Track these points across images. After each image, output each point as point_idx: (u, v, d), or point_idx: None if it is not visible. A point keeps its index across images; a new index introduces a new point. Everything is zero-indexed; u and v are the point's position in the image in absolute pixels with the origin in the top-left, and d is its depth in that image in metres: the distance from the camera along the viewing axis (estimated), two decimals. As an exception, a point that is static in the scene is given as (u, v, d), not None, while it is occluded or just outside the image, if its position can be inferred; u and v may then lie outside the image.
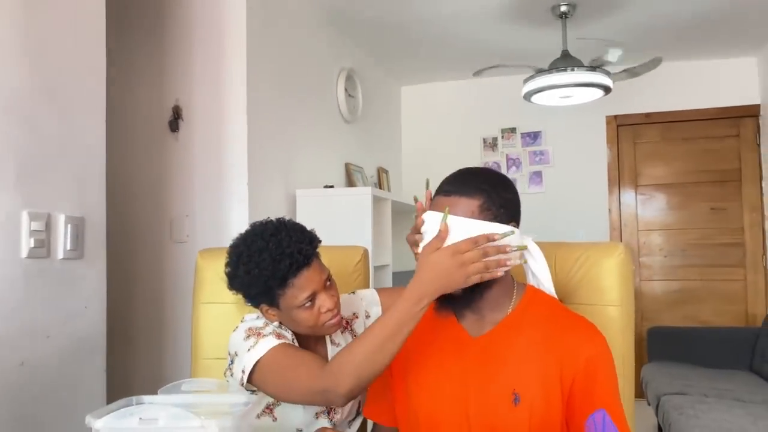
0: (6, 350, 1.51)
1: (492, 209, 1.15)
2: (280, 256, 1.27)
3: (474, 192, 1.15)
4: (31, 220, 1.57)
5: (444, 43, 4.10)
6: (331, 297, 1.34)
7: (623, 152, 4.68)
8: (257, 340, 1.31)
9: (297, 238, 1.30)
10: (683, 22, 3.76)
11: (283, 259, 1.27)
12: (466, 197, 1.14)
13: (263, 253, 1.28)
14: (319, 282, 1.32)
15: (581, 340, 1.17)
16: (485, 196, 1.15)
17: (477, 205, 1.14)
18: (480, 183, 1.17)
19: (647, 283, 4.61)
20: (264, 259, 1.27)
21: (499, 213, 1.15)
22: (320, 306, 1.32)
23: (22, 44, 1.57)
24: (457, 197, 1.15)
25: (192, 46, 2.70)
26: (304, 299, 1.30)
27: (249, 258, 1.29)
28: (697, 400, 2.98)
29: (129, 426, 0.98)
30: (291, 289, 1.29)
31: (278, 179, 2.95)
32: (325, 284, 1.34)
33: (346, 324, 1.51)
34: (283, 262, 1.27)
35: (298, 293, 1.30)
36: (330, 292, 1.35)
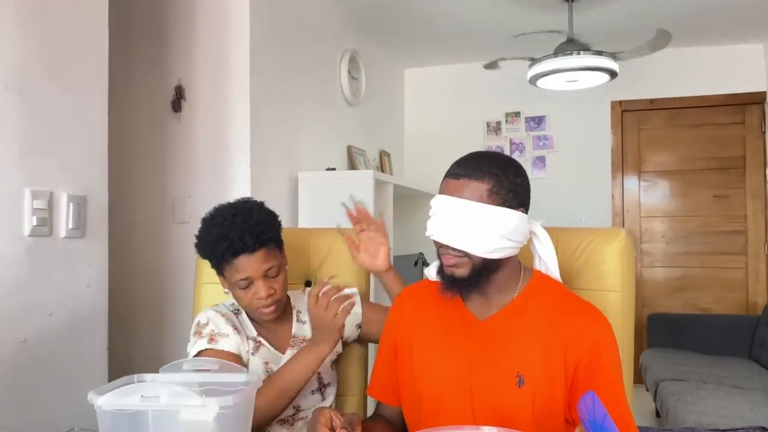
0: (8, 327, 1.52)
1: (501, 194, 1.15)
2: (224, 237, 1.35)
3: (483, 176, 1.14)
4: (33, 198, 1.57)
5: (448, 25, 4.07)
6: (268, 287, 1.39)
7: (627, 138, 4.66)
8: (195, 339, 1.43)
9: (247, 226, 1.35)
10: (690, 8, 3.72)
11: (222, 240, 1.35)
12: (475, 180, 1.14)
13: (214, 229, 1.37)
14: (257, 270, 1.37)
15: (586, 324, 1.17)
16: (495, 180, 1.15)
17: (486, 189, 1.14)
18: (490, 167, 1.16)
19: (648, 269, 4.62)
20: (212, 234, 1.37)
21: (508, 198, 1.15)
22: (255, 292, 1.38)
23: (26, 23, 1.57)
24: (466, 180, 1.15)
25: (195, 26, 2.68)
26: (239, 280, 1.38)
27: (205, 230, 1.40)
28: (696, 387, 2.99)
29: (131, 403, 0.98)
30: (229, 267, 1.38)
31: (281, 161, 2.94)
32: (264, 273, 1.38)
33: None
34: (221, 244, 1.35)
35: (234, 273, 1.38)
36: (269, 283, 1.39)
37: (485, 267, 1.16)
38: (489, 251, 1.14)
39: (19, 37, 1.55)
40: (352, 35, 3.92)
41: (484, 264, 1.16)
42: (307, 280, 1.71)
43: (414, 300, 1.35)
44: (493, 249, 1.14)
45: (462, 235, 1.14)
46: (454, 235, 1.15)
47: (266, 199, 2.73)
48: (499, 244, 1.14)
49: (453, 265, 1.18)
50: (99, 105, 1.81)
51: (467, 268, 1.17)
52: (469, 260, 1.16)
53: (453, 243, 1.15)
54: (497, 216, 1.13)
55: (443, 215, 1.15)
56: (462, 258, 1.16)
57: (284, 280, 1.43)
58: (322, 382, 1.49)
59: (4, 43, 1.51)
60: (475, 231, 1.13)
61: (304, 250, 1.70)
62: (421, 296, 1.33)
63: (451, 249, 1.16)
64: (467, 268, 1.17)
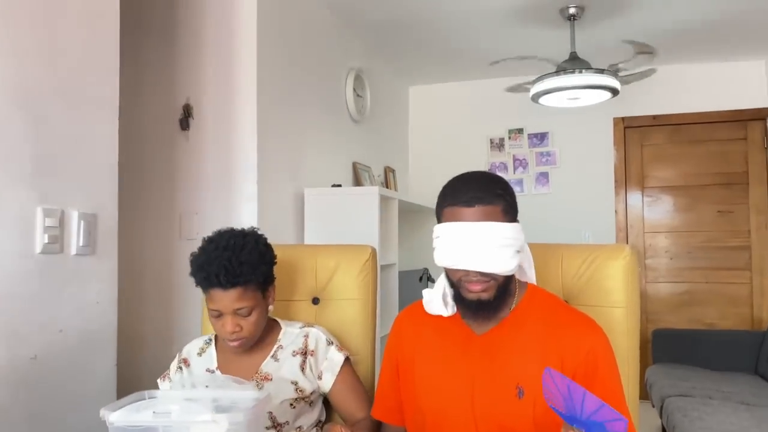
0: (19, 344, 1.53)
1: (510, 212, 1.20)
2: (204, 267, 1.38)
3: (494, 198, 1.18)
4: (45, 216, 1.59)
5: (452, 43, 4.12)
6: (234, 324, 1.40)
7: (630, 154, 4.69)
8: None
9: (229, 264, 1.36)
10: (691, 25, 3.76)
11: (202, 270, 1.38)
12: (491, 205, 1.17)
13: (202, 255, 1.40)
14: (227, 306, 1.39)
15: (581, 334, 1.21)
16: (504, 200, 1.19)
17: (500, 209, 1.18)
18: (496, 189, 1.20)
19: (653, 285, 4.62)
20: (199, 259, 1.41)
21: (514, 214, 1.21)
22: (222, 324, 1.41)
23: (39, 43, 1.60)
24: (482, 206, 1.17)
25: (203, 46, 2.72)
26: (211, 309, 1.41)
27: (198, 252, 1.43)
28: (702, 403, 2.98)
29: (143, 419, 1.00)
30: (205, 293, 1.42)
31: (287, 178, 2.97)
32: (234, 311, 1.39)
33: (303, 352, 1.49)
34: (200, 273, 1.39)
35: (209, 301, 1.41)
36: (237, 320, 1.40)
37: (505, 285, 1.21)
38: (512, 268, 1.18)
39: (31, 57, 1.58)
40: (358, 53, 3.97)
41: (506, 282, 1.21)
42: (314, 297, 1.73)
43: (413, 319, 1.37)
44: (514, 265, 1.18)
45: (491, 259, 1.16)
46: (484, 261, 1.15)
47: (273, 216, 2.78)
48: (517, 259, 1.19)
49: (481, 291, 1.19)
50: (109, 124, 1.84)
51: (494, 290, 1.20)
52: (495, 282, 1.19)
53: (483, 268, 1.16)
54: (514, 232, 1.18)
55: (464, 242, 1.16)
56: (489, 282, 1.19)
57: (257, 319, 1.43)
58: (276, 421, 1.42)
59: (17, 64, 1.55)
60: (500, 252, 1.16)
61: (311, 267, 1.72)
62: (419, 316, 1.36)
63: (479, 274, 1.17)
64: (494, 290, 1.20)
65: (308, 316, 1.70)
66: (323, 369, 1.50)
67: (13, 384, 1.51)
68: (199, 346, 1.56)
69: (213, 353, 1.52)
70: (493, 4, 3.47)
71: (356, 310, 1.69)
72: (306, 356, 1.49)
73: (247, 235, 1.44)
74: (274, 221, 2.82)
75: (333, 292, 1.71)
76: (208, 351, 1.54)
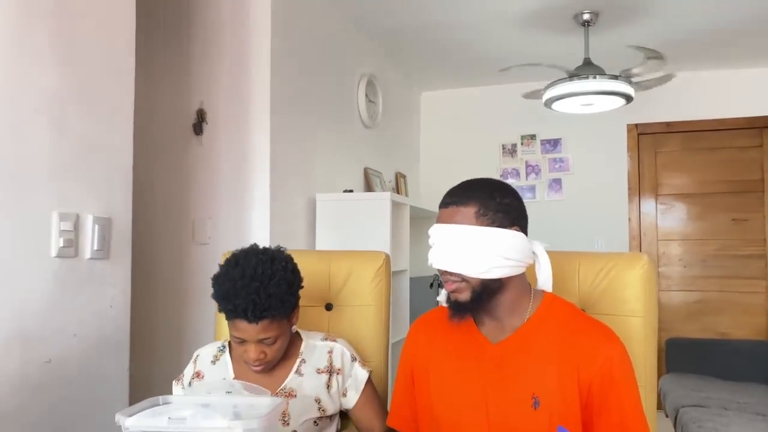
0: (34, 347, 1.54)
1: (488, 214, 1.19)
2: (230, 299, 1.31)
3: (468, 200, 1.20)
4: (60, 219, 1.60)
5: (465, 49, 4.11)
6: (259, 352, 1.36)
7: (644, 161, 4.65)
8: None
9: (257, 297, 1.29)
10: (706, 31, 3.73)
11: (227, 302, 1.32)
12: (462, 206, 1.19)
13: (227, 283, 1.32)
14: (252, 337, 1.34)
15: (597, 343, 1.19)
16: (480, 203, 1.19)
17: (473, 212, 1.18)
18: (474, 191, 1.21)
19: (666, 293, 4.57)
20: (223, 287, 1.33)
21: (497, 218, 1.19)
22: (245, 350, 1.37)
23: (57, 50, 1.61)
24: (455, 207, 1.20)
25: (217, 51, 2.73)
26: (234, 336, 1.37)
27: (220, 278, 1.35)
28: (717, 413, 2.95)
29: (158, 425, 0.99)
30: (229, 321, 1.36)
31: (299, 183, 2.97)
32: (258, 340, 1.35)
33: (329, 370, 1.47)
34: (226, 304, 1.32)
35: (232, 329, 1.36)
36: (262, 347, 1.36)
37: (485, 289, 1.19)
38: (483, 271, 1.17)
39: (49, 64, 1.59)
40: (370, 59, 3.97)
41: (483, 286, 1.19)
42: (327, 303, 1.72)
43: (428, 328, 1.37)
44: (487, 269, 1.17)
45: (457, 259, 1.18)
46: (451, 260, 1.19)
47: (285, 221, 2.78)
48: (494, 263, 1.17)
49: (454, 291, 1.21)
50: (124, 129, 1.84)
51: (468, 292, 1.20)
52: (467, 284, 1.19)
53: (450, 267, 1.19)
54: (488, 236, 1.17)
55: (439, 243, 1.20)
56: (460, 283, 1.20)
57: (281, 346, 1.39)
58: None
59: (36, 70, 1.56)
60: (468, 253, 1.17)
61: (324, 273, 1.71)
62: (434, 324, 1.35)
63: (450, 274, 1.20)
64: (468, 292, 1.20)
65: (322, 322, 1.70)
66: (348, 386, 1.48)
67: (27, 387, 1.52)
68: (213, 353, 1.51)
69: (228, 361, 1.49)
70: (506, 10, 3.46)
71: (370, 317, 1.68)
72: (332, 374, 1.46)
73: (274, 260, 1.35)
74: (286, 226, 2.82)
75: (346, 298, 1.70)
76: (223, 359, 1.50)
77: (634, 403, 1.17)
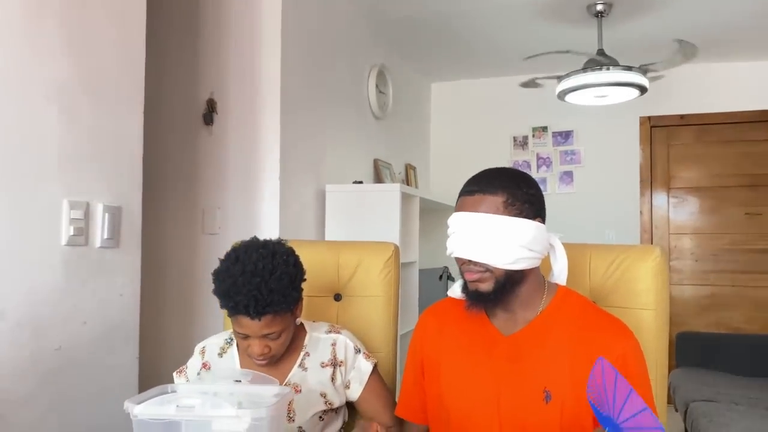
0: (44, 334, 1.55)
1: (516, 204, 1.17)
2: (232, 295, 1.28)
3: (497, 189, 1.17)
4: (71, 208, 1.60)
5: (476, 40, 4.08)
6: (263, 346, 1.34)
7: (656, 154, 4.61)
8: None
9: (258, 293, 1.26)
10: (720, 23, 3.68)
11: (229, 298, 1.29)
12: (490, 195, 1.17)
13: (227, 279, 1.29)
14: (255, 332, 1.32)
15: (612, 338, 1.17)
16: (508, 192, 1.17)
17: (501, 201, 1.16)
18: (503, 180, 1.19)
19: (677, 287, 4.54)
20: (224, 284, 1.30)
21: (524, 208, 1.17)
22: (249, 345, 1.35)
23: (68, 39, 1.61)
24: (481, 195, 1.18)
25: (227, 41, 2.72)
26: (237, 331, 1.34)
27: (221, 274, 1.32)
28: (728, 408, 2.92)
29: (166, 413, 0.99)
30: (232, 317, 1.34)
31: (309, 174, 2.97)
32: (261, 335, 1.33)
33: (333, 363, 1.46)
34: (227, 301, 1.29)
35: (235, 324, 1.34)
36: (266, 342, 1.34)
37: (508, 279, 1.17)
38: (510, 262, 1.15)
39: (61, 53, 1.59)
40: (380, 50, 3.95)
41: (507, 277, 1.17)
42: (336, 294, 1.72)
43: (438, 318, 1.35)
44: (514, 260, 1.15)
45: (483, 249, 1.15)
46: (475, 250, 1.16)
47: (294, 212, 2.78)
48: (519, 254, 1.15)
49: (477, 280, 1.19)
50: (134, 118, 1.85)
51: (491, 282, 1.18)
52: (491, 274, 1.17)
53: (474, 257, 1.16)
54: (515, 226, 1.15)
55: (462, 231, 1.17)
56: (484, 273, 1.17)
57: (285, 339, 1.38)
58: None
59: (47, 59, 1.56)
60: (495, 243, 1.15)
61: (333, 264, 1.71)
62: (445, 314, 1.34)
63: (473, 264, 1.18)
64: (491, 282, 1.18)
65: (330, 313, 1.69)
66: (351, 379, 1.47)
67: (38, 374, 1.53)
68: (220, 345, 1.50)
69: (235, 354, 1.47)
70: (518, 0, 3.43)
71: (379, 307, 1.68)
72: (336, 367, 1.45)
73: (275, 254, 1.32)
74: (296, 217, 2.81)
75: (355, 289, 1.70)
76: (230, 352, 1.49)
77: (648, 398, 1.16)
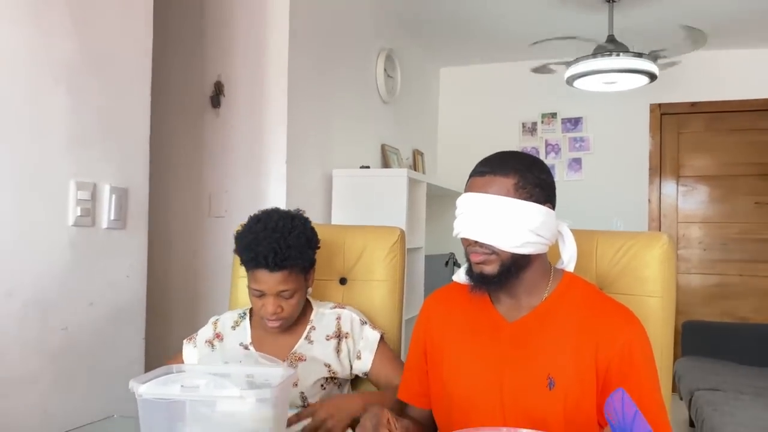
0: (51, 315, 1.56)
1: (527, 188, 1.15)
2: (252, 247, 1.38)
3: (508, 171, 1.16)
4: (78, 189, 1.61)
5: (486, 24, 4.04)
6: (276, 305, 1.41)
7: (666, 142, 4.57)
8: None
9: (278, 246, 1.36)
10: (734, 10, 3.63)
11: (250, 250, 1.38)
12: (501, 176, 1.16)
13: (250, 234, 1.40)
14: (271, 288, 1.40)
15: (618, 325, 1.16)
16: (520, 175, 1.15)
17: (512, 183, 1.15)
18: (515, 163, 1.17)
19: (684, 276, 4.52)
20: (246, 238, 1.40)
21: (534, 192, 1.16)
22: (263, 304, 1.42)
23: (75, 19, 1.60)
24: (491, 176, 1.16)
25: (235, 23, 2.71)
26: (254, 288, 1.42)
27: (245, 230, 1.42)
28: (733, 397, 2.92)
29: (171, 392, 1.00)
30: (250, 273, 1.43)
31: (315, 158, 2.96)
32: (277, 293, 1.40)
33: (338, 335, 1.51)
34: (248, 252, 1.39)
35: (252, 281, 1.42)
36: (279, 301, 1.42)
37: (514, 264, 1.16)
38: (517, 246, 1.14)
39: (68, 33, 1.59)
40: (389, 33, 3.92)
41: (513, 260, 1.16)
42: (341, 278, 1.72)
43: (442, 303, 1.35)
44: (521, 243, 1.14)
45: (490, 230, 1.14)
46: (482, 231, 1.15)
47: (301, 196, 2.78)
48: (527, 238, 1.14)
49: (481, 262, 1.17)
50: (142, 100, 1.84)
51: (496, 265, 1.16)
52: (497, 257, 1.16)
53: (481, 238, 1.15)
54: (524, 210, 1.14)
55: (470, 212, 1.16)
56: (490, 255, 1.16)
57: (297, 301, 1.45)
58: (307, 401, 1.44)
59: (55, 39, 1.55)
60: (502, 225, 1.13)
61: (339, 248, 1.71)
62: (449, 299, 1.33)
63: (479, 245, 1.16)
64: (496, 265, 1.16)
65: (335, 297, 1.70)
66: (361, 348, 1.51)
67: (45, 354, 1.54)
68: (234, 319, 1.57)
69: (247, 327, 1.54)
70: (529, -16, 3.40)
71: (383, 292, 1.68)
72: (341, 339, 1.50)
73: (294, 217, 1.44)
74: (302, 201, 2.81)
75: (361, 273, 1.70)
76: (243, 324, 1.55)
77: (653, 386, 1.15)
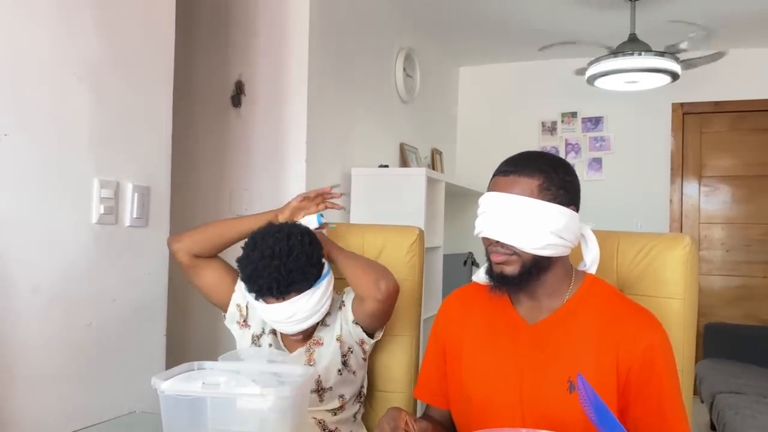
0: (75, 311, 1.58)
1: (552, 189, 1.14)
2: (254, 279, 1.37)
3: (533, 172, 1.15)
4: (101, 187, 1.63)
5: (505, 23, 4.02)
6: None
7: (688, 141, 4.51)
8: None
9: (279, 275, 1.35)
10: (758, 8, 3.57)
11: (253, 282, 1.38)
12: (526, 177, 1.14)
13: (249, 266, 1.39)
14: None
15: (640, 329, 1.15)
16: (545, 176, 1.14)
17: (537, 185, 1.14)
18: (540, 164, 1.16)
19: (706, 277, 4.46)
20: (247, 269, 1.40)
21: (559, 194, 1.15)
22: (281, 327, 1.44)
23: (99, 18, 1.62)
24: (516, 176, 1.15)
25: (256, 23, 2.73)
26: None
27: (243, 261, 1.42)
28: (755, 401, 2.88)
29: (192, 389, 1.01)
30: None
31: (335, 157, 2.97)
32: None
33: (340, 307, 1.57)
34: (251, 284, 1.39)
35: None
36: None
37: (535, 265, 1.15)
38: (539, 247, 1.13)
39: (91, 32, 1.61)
40: (408, 33, 3.92)
41: (534, 262, 1.15)
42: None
43: (462, 303, 1.34)
44: (543, 245, 1.13)
45: (512, 231, 1.13)
46: (504, 231, 1.14)
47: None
48: (549, 240, 1.13)
49: (502, 263, 1.16)
50: (164, 98, 1.86)
51: (517, 266, 1.15)
52: (518, 258, 1.15)
53: (503, 238, 1.14)
54: (548, 211, 1.13)
55: (492, 212, 1.15)
56: (511, 255, 1.15)
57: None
58: (321, 385, 1.47)
59: (78, 37, 1.57)
60: (525, 226, 1.12)
61: (358, 246, 1.71)
62: (469, 299, 1.33)
63: (501, 246, 1.15)
64: (517, 266, 1.15)
65: (354, 295, 1.70)
66: (345, 299, 1.56)
67: (69, 349, 1.57)
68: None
69: None
70: (550, -18, 3.37)
71: (402, 291, 1.65)
72: (341, 308, 1.55)
73: (290, 236, 1.40)
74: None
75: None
76: None
77: (674, 390, 1.14)
